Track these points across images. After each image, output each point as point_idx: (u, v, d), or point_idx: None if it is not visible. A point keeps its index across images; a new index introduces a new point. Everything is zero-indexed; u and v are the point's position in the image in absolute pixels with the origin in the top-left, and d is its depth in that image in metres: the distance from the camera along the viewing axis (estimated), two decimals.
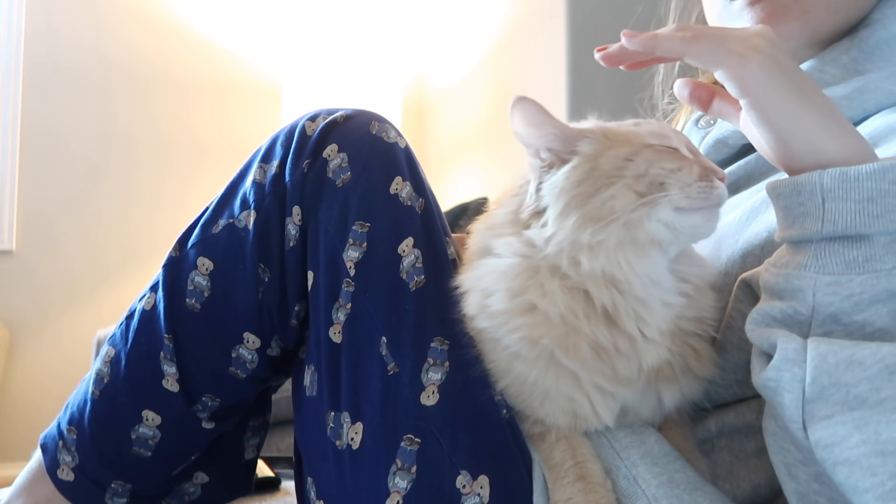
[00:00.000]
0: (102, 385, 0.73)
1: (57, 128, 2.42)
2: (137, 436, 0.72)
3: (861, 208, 0.49)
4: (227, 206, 0.73)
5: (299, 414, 0.71)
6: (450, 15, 2.67)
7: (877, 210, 0.48)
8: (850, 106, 0.68)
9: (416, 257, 0.66)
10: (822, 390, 0.48)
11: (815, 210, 0.50)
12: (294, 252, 0.70)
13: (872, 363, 0.47)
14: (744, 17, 0.73)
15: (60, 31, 2.44)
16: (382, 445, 0.62)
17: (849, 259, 0.49)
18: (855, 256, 0.49)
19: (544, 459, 0.60)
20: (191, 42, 2.59)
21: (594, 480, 0.58)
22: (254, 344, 0.72)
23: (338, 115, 0.72)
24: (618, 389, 0.59)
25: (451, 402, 0.61)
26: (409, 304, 0.65)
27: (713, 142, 0.74)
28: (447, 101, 2.68)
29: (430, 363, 0.62)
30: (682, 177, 0.56)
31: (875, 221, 0.48)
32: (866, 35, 0.70)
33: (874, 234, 0.49)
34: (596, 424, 0.60)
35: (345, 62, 2.44)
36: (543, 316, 0.58)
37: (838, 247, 0.50)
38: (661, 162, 0.57)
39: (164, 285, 0.73)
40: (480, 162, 2.45)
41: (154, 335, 0.72)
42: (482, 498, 0.58)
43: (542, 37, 2.10)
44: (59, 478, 0.73)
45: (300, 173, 0.70)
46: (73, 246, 2.41)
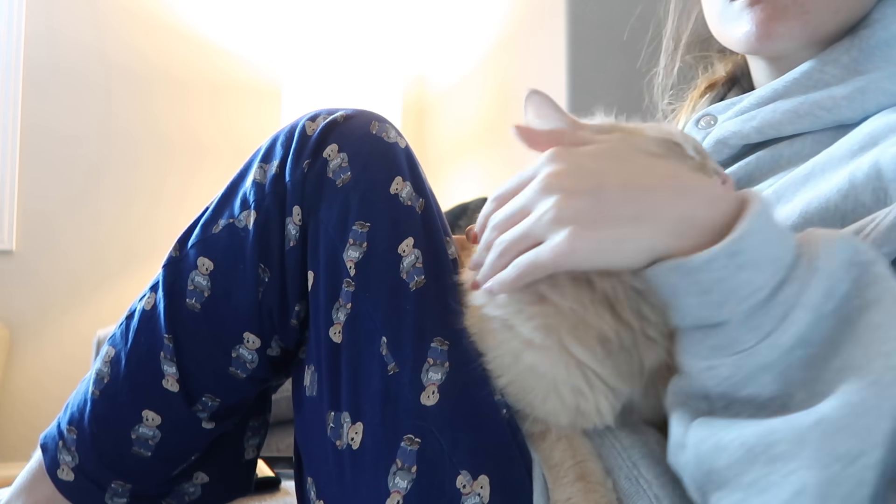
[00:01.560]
0: (102, 385, 0.73)
1: (57, 128, 2.42)
2: (137, 436, 0.72)
3: (702, 301, 0.48)
4: (227, 206, 0.73)
5: (299, 414, 0.71)
6: (450, 15, 2.67)
7: (717, 299, 0.48)
8: (851, 106, 0.68)
9: (416, 257, 0.66)
10: (703, 475, 0.48)
11: (670, 304, 0.50)
12: (294, 252, 0.70)
13: (736, 447, 0.46)
14: (743, 17, 0.73)
15: (60, 31, 2.44)
16: (382, 445, 0.62)
17: (714, 345, 0.49)
18: (717, 342, 0.49)
19: (544, 459, 0.60)
20: (191, 42, 2.59)
21: (594, 480, 0.58)
22: (254, 344, 0.72)
23: (338, 115, 0.72)
24: (621, 386, 0.59)
25: (451, 402, 0.61)
26: (410, 304, 0.65)
27: (713, 142, 0.74)
28: (447, 101, 2.68)
29: (430, 363, 0.62)
30: None
31: (720, 310, 0.48)
32: (866, 35, 0.70)
33: (721, 322, 0.48)
34: (597, 422, 0.60)
35: (345, 62, 2.44)
36: (554, 307, 0.58)
37: (701, 335, 0.50)
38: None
39: (164, 285, 0.73)
40: (480, 162, 2.45)
41: (154, 335, 0.72)
42: (482, 498, 0.58)
43: (542, 37, 2.10)
44: (59, 478, 0.73)
45: (300, 173, 0.70)
46: (74, 246, 2.41)
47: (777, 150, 0.71)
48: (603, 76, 1.91)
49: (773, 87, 0.73)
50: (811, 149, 0.69)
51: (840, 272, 0.47)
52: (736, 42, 0.75)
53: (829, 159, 0.64)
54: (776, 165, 0.70)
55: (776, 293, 0.47)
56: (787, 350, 0.47)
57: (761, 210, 0.48)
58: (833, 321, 0.47)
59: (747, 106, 0.74)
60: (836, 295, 0.47)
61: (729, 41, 0.77)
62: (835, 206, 0.59)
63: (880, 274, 0.48)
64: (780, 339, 0.47)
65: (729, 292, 0.47)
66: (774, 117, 0.71)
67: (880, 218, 0.54)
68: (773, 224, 0.49)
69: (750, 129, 0.72)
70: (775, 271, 0.47)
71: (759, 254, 0.47)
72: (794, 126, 0.70)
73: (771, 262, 0.47)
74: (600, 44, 1.93)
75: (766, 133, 0.71)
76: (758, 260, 0.47)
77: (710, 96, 0.86)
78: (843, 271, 0.47)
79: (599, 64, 1.93)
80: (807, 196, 0.62)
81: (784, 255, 0.48)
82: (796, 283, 0.47)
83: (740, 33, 0.73)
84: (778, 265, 0.47)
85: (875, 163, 0.58)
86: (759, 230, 0.47)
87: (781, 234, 0.49)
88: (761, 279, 0.47)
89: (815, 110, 0.69)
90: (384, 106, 2.40)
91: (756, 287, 0.47)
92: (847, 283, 0.47)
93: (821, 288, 0.47)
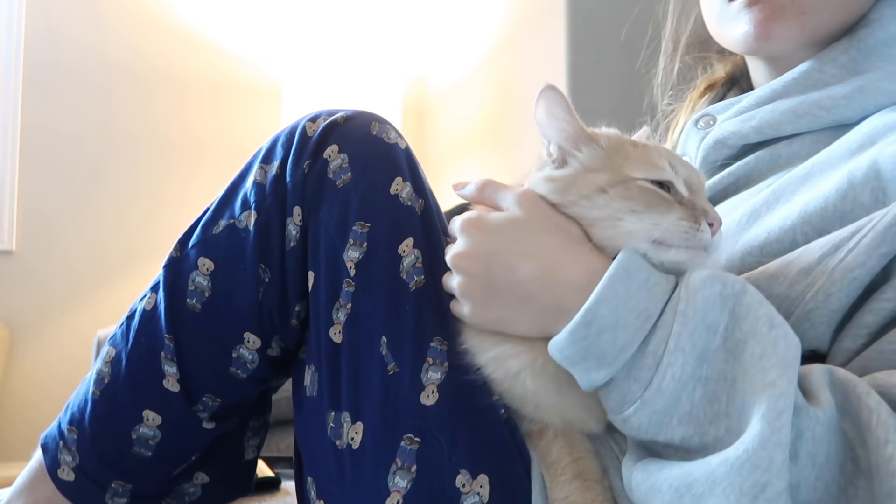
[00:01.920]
0: (103, 385, 0.73)
1: (57, 128, 2.42)
2: (138, 436, 0.72)
3: (584, 367, 0.52)
4: (227, 207, 0.74)
5: (299, 414, 0.71)
6: (450, 15, 2.67)
7: (593, 363, 0.52)
8: (850, 106, 0.68)
9: (416, 257, 0.66)
10: None
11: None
12: (294, 252, 0.70)
13: (666, 489, 0.49)
14: (742, 18, 0.73)
15: (60, 31, 2.44)
16: (382, 445, 0.62)
17: (616, 400, 0.52)
18: (617, 397, 0.52)
19: (542, 457, 0.61)
20: (191, 42, 2.59)
21: (591, 478, 0.58)
22: (254, 344, 0.72)
23: (338, 116, 0.73)
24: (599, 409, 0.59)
25: (451, 402, 0.62)
26: (409, 304, 0.65)
27: (712, 142, 0.74)
28: (447, 101, 2.68)
29: (429, 363, 0.63)
30: (654, 217, 0.56)
31: (599, 372, 0.52)
32: (864, 35, 0.70)
33: (609, 380, 0.52)
34: (589, 428, 0.61)
35: (345, 62, 2.43)
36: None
37: (605, 394, 0.53)
38: (631, 202, 0.57)
39: (164, 285, 0.73)
40: (480, 162, 2.45)
41: (155, 335, 0.72)
42: (482, 497, 0.59)
43: (542, 37, 2.10)
44: (59, 478, 0.73)
45: (301, 174, 0.70)
46: (74, 246, 2.41)
47: (776, 149, 0.71)
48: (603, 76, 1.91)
49: (772, 88, 0.73)
50: (810, 148, 0.69)
51: (715, 308, 0.50)
52: (734, 43, 0.75)
53: (827, 159, 0.64)
54: (775, 165, 0.70)
55: (646, 344, 0.51)
56: (675, 393, 0.49)
57: (618, 273, 0.51)
58: (723, 355, 0.49)
59: (746, 106, 0.74)
60: (718, 329, 0.49)
61: (727, 42, 0.77)
62: (833, 205, 0.59)
63: (751, 303, 0.50)
64: (662, 384, 0.49)
65: (599, 356, 0.51)
66: (773, 117, 0.71)
67: (878, 218, 0.54)
68: (638, 280, 0.52)
69: (749, 129, 0.72)
70: (641, 325, 0.51)
71: (618, 315, 0.51)
72: (793, 126, 0.70)
73: (635, 316, 0.51)
74: (600, 44, 1.93)
75: (764, 133, 0.71)
76: (617, 321, 0.51)
77: (710, 97, 0.86)
78: (718, 306, 0.50)
79: (599, 64, 1.93)
80: (806, 196, 0.62)
81: (651, 307, 0.51)
82: (664, 329, 0.50)
83: (738, 34, 0.73)
84: (644, 317, 0.51)
85: (873, 162, 0.58)
86: (614, 295, 0.51)
87: (650, 287, 0.52)
88: (626, 336, 0.51)
89: (814, 110, 0.69)
90: (384, 106, 2.40)
91: (623, 344, 0.51)
92: (726, 315, 0.50)
93: (689, 329, 0.49)
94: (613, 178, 0.58)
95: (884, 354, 0.52)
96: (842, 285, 0.54)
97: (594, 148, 0.60)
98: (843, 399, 0.48)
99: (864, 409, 0.47)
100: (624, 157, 0.60)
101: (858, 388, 0.48)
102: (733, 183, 0.73)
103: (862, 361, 0.53)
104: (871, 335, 0.54)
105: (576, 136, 0.61)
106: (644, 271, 0.52)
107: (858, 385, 0.48)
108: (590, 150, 0.60)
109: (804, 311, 0.55)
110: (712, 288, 0.50)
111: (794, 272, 0.57)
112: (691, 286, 0.51)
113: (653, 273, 0.53)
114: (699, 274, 0.51)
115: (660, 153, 0.60)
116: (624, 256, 0.53)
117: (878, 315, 0.54)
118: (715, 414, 0.48)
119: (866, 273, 0.54)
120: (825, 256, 0.56)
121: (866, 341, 0.54)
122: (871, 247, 0.54)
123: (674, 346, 0.49)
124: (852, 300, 0.55)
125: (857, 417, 0.47)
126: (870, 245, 0.54)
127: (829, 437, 0.47)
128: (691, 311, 0.50)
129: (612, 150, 0.60)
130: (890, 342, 0.52)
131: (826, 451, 0.46)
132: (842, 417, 0.47)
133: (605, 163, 0.60)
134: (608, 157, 0.60)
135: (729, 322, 0.49)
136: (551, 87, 0.60)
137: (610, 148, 0.61)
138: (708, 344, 0.49)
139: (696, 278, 0.51)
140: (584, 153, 0.60)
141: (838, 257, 0.55)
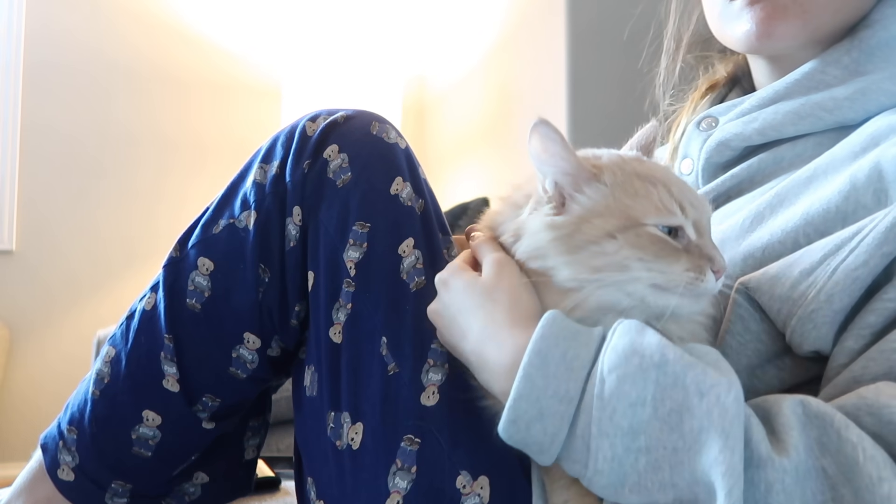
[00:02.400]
0: (103, 385, 0.73)
1: (57, 127, 2.42)
2: (138, 436, 0.72)
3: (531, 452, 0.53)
4: (227, 207, 0.74)
5: (299, 414, 0.71)
6: (450, 15, 2.67)
7: (534, 450, 0.53)
8: (853, 107, 0.68)
9: (416, 258, 0.66)
10: None
11: None
12: (294, 252, 0.70)
13: None
14: (743, 17, 0.72)
15: (60, 30, 2.44)
16: (382, 446, 0.62)
17: (572, 472, 0.52)
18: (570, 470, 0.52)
19: None
20: (191, 42, 2.59)
21: None
22: (254, 344, 0.72)
23: (338, 116, 0.72)
24: None
25: (452, 403, 0.61)
26: (410, 305, 0.65)
27: (715, 144, 0.74)
28: (447, 101, 2.68)
29: (430, 364, 0.63)
30: (662, 266, 0.55)
31: (542, 456, 0.52)
32: (867, 36, 0.70)
33: (557, 459, 0.52)
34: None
35: (345, 62, 2.43)
36: None
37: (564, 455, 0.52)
38: (640, 250, 0.55)
39: (164, 285, 0.73)
40: (480, 162, 2.45)
41: (154, 335, 0.72)
42: (482, 498, 0.58)
43: (542, 37, 2.10)
44: (59, 478, 0.73)
45: (300, 174, 0.70)
46: (74, 246, 2.41)
47: (778, 151, 0.71)
48: (603, 76, 1.91)
49: (775, 89, 0.73)
50: (813, 150, 0.68)
51: (637, 384, 0.49)
52: (736, 41, 0.75)
53: (830, 161, 0.64)
54: (778, 167, 0.70)
55: (574, 428, 0.50)
56: (616, 469, 0.49)
57: (532, 361, 0.51)
58: (658, 424, 0.48)
59: (748, 107, 0.74)
60: (645, 402, 0.48)
61: (729, 41, 0.77)
62: (836, 207, 0.59)
63: (675, 372, 0.49)
64: (598, 465, 0.49)
65: (537, 445, 0.52)
66: (776, 119, 0.71)
67: (879, 218, 0.54)
68: (555, 359, 0.51)
69: (751, 130, 0.72)
70: (565, 409, 0.50)
71: (540, 406, 0.51)
72: (796, 127, 0.70)
73: (558, 402, 0.50)
74: (600, 43, 1.93)
75: (767, 135, 0.71)
76: (540, 412, 0.51)
77: (711, 97, 0.85)
78: (640, 382, 0.49)
79: (599, 64, 1.93)
80: (809, 199, 0.62)
81: (571, 388, 0.51)
82: (586, 413, 0.50)
83: (740, 32, 0.73)
84: (566, 401, 0.50)
85: (876, 164, 0.58)
86: (532, 387, 0.51)
87: (567, 363, 0.51)
88: (553, 425, 0.51)
89: (817, 111, 0.69)
90: (384, 106, 2.40)
91: (553, 432, 0.51)
92: (651, 387, 0.49)
93: (608, 413, 0.49)
94: (622, 223, 0.55)
95: (885, 354, 0.52)
96: (844, 285, 0.54)
97: (597, 187, 0.57)
98: (819, 434, 0.47)
99: (847, 444, 0.46)
100: (632, 196, 0.57)
101: (836, 422, 0.47)
102: (736, 185, 0.73)
103: (863, 362, 0.53)
104: (874, 335, 0.54)
105: (575, 175, 0.57)
106: (560, 345, 0.51)
107: (836, 418, 0.47)
108: (593, 190, 0.57)
109: (806, 311, 0.55)
110: (629, 363, 0.49)
111: (795, 273, 0.57)
112: (608, 363, 0.50)
113: (571, 343, 0.52)
114: (615, 348, 0.50)
115: (669, 191, 0.57)
116: (538, 334, 0.52)
117: (881, 315, 0.53)
118: (661, 483, 0.48)
119: (868, 273, 0.54)
120: (827, 256, 0.56)
121: (869, 341, 0.54)
122: (873, 246, 0.53)
123: (597, 432, 0.49)
124: (854, 300, 0.54)
125: (840, 453, 0.46)
126: (871, 245, 0.53)
127: (800, 485, 0.46)
128: (607, 394, 0.49)
129: (618, 186, 0.57)
130: (891, 342, 0.52)
131: (801, 497, 0.46)
132: (820, 454, 0.47)
133: (610, 204, 0.56)
134: (613, 197, 0.57)
135: (655, 393, 0.48)
136: (544, 123, 0.56)
137: (615, 185, 0.57)
138: (636, 418, 0.48)
139: (611, 355, 0.50)
140: (588, 195, 0.57)
141: (840, 257, 0.55)
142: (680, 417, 0.48)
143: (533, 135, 0.57)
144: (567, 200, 0.58)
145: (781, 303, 0.56)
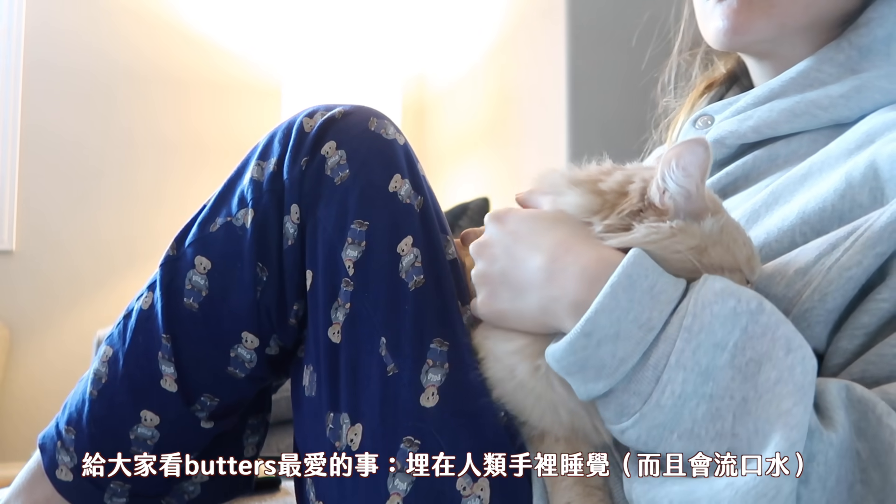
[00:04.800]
0: (100, 385, 0.73)
1: (57, 128, 2.42)
2: (136, 436, 0.72)
3: (582, 377, 0.52)
4: (224, 205, 0.73)
5: (298, 414, 0.71)
6: (450, 15, 2.67)
7: (591, 374, 0.51)
8: (848, 105, 0.68)
9: (415, 256, 0.66)
10: None
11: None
12: (292, 251, 0.70)
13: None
14: (715, 13, 0.74)
15: (60, 31, 2.44)
16: (382, 447, 0.61)
17: (614, 411, 0.52)
18: (615, 408, 0.52)
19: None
20: (191, 42, 2.59)
21: (592, 484, 0.58)
22: (252, 343, 0.72)
23: (336, 112, 0.72)
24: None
25: (451, 404, 0.61)
26: (409, 304, 0.65)
27: (710, 142, 0.74)
28: (447, 101, 2.68)
29: (429, 364, 0.62)
30: None
31: (597, 383, 0.51)
32: (862, 34, 0.70)
33: (608, 391, 0.51)
34: (595, 440, 0.60)
35: (345, 62, 2.43)
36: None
37: (603, 404, 0.53)
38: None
39: (161, 284, 0.72)
40: (480, 162, 2.45)
41: (152, 335, 0.72)
42: (482, 500, 0.58)
43: (542, 37, 2.09)
44: (57, 478, 0.73)
45: (298, 171, 0.70)
46: (74, 246, 2.41)
47: (774, 149, 0.71)
48: (603, 76, 1.91)
49: (770, 87, 0.73)
50: (808, 148, 0.69)
51: (726, 325, 0.49)
52: (713, 39, 0.77)
53: (826, 158, 0.64)
54: (773, 165, 0.70)
55: (647, 357, 0.50)
56: (676, 409, 0.48)
57: (621, 281, 0.50)
58: (730, 372, 0.48)
59: (744, 105, 0.74)
60: (726, 346, 0.48)
61: (710, 39, 0.78)
62: (832, 206, 0.59)
63: (768, 323, 0.49)
64: (661, 399, 0.49)
65: (598, 367, 0.51)
66: (771, 116, 0.71)
67: (874, 218, 0.54)
68: (642, 287, 0.50)
69: (746, 128, 0.72)
70: (643, 336, 0.50)
71: (619, 327, 0.50)
72: (791, 125, 0.70)
73: (637, 328, 0.50)
74: (600, 44, 1.93)
75: (762, 132, 0.71)
76: (618, 332, 0.50)
77: (709, 96, 0.86)
78: (729, 324, 0.49)
79: (599, 64, 1.93)
80: (804, 197, 0.62)
81: (654, 317, 0.50)
82: (666, 343, 0.49)
83: (713, 29, 0.75)
84: (647, 328, 0.50)
85: (871, 162, 0.58)
86: (615, 305, 0.50)
87: (654, 295, 0.50)
88: (625, 349, 0.50)
89: (812, 109, 0.69)
90: (384, 106, 2.40)
91: (623, 356, 0.50)
92: (737, 332, 0.48)
93: (692, 346, 0.48)
94: (731, 263, 0.55)
95: (884, 358, 0.52)
96: (838, 284, 0.54)
97: (712, 221, 0.56)
98: (859, 418, 0.47)
99: (886, 430, 0.46)
100: (734, 242, 0.56)
101: (878, 408, 0.47)
102: (731, 183, 0.73)
103: (862, 365, 0.53)
104: (867, 335, 0.54)
105: (695, 201, 0.56)
106: (650, 277, 0.51)
107: (878, 405, 0.47)
108: (710, 223, 0.56)
109: (801, 310, 0.55)
110: (724, 304, 0.49)
111: (791, 272, 0.57)
112: (701, 300, 0.49)
113: (659, 278, 0.51)
114: (712, 287, 0.50)
115: (749, 247, 0.58)
116: (629, 261, 0.51)
117: (875, 315, 0.54)
118: (717, 432, 0.48)
119: (862, 272, 0.54)
120: (822, 256, 0.56)
121: (863, 342, 0.54)
122: (867, 246, 0.53)
123: (675, 363, 0.48)
124: (848, 300, 0.55)
125: (876, 438, 0.46)
126: (866, 244, 0.54)
127: (841, 461, 0.46)
128: (697, 328, 0.49)
129: (726, 230, 0.57)
130: (890, 346, 0.52)
131: (837, 474, 0.46)
132: (857, 437, 0.47)
133: (720, 239, 0.56)
134: (722, 235, 0.56)
135: (739, 339, 0.48)
136: (704, 146, 0.54)
137: (725, 227, 0.57)
138: (713, 361, 0.48)
139: (707, 292, 0.50)
140: (707, 224, 0.56)
141: (834, 256, 0.55)
142: (759, 367, 0.48)
143: (689, 148, 0.54)
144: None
145: (777, 301, 0.56)
